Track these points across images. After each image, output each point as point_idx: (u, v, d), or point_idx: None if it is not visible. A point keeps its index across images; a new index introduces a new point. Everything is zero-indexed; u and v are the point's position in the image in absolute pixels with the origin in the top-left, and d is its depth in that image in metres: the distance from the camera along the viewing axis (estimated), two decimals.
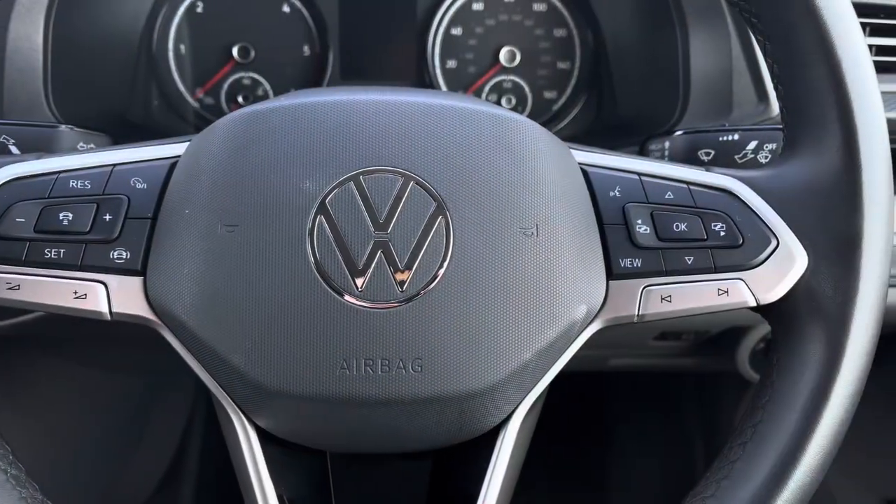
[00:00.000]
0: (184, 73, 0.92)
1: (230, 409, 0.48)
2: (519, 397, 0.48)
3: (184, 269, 0.45)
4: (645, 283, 0.48)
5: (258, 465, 0.48)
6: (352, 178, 0.45)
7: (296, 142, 0.46)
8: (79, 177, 0.47)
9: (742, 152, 0.63)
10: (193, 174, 0.47)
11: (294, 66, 0.93)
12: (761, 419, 0.48)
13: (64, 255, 0.46)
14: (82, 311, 0.46)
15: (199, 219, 0.45)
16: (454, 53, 0.94)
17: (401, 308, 0.44)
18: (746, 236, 0.48)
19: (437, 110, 0.48)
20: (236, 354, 0.44)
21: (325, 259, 0.44)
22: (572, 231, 0.47)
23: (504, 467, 0.49)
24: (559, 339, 0.47)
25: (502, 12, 0.94)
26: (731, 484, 0.47)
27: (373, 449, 0.51)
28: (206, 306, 0.45)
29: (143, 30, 0.89)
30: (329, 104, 0.48)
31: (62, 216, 0.46)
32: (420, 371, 0.45)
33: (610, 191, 0.49)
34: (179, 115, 0.93)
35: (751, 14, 0.49)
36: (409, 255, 0.45)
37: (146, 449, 1.31)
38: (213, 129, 0.49)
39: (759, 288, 0.48)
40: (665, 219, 0.48)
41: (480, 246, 0.45)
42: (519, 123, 0.49)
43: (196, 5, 0.91)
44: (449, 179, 0.46)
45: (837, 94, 0.46)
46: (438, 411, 0.46)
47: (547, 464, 1.28)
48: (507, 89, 0.95)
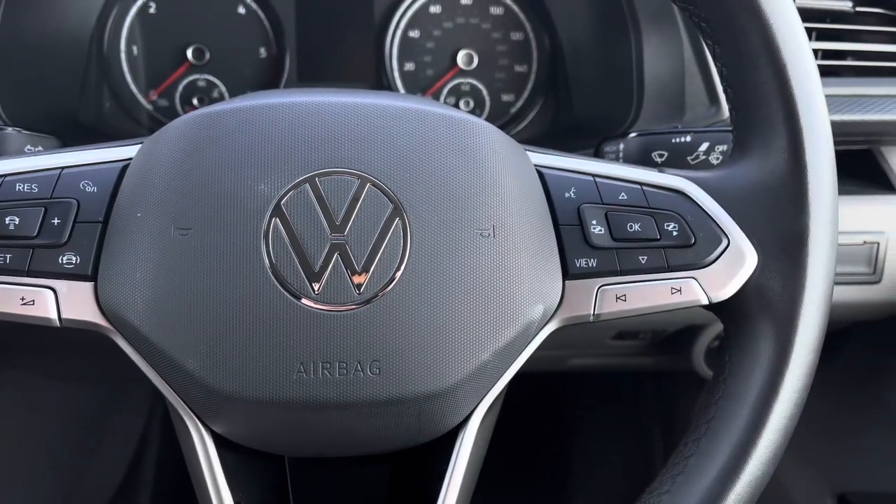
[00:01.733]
0: (137, 74, 0.91)
1: (185, 415, 0.47)
2: (477, 398, 0.48)
3: (136, 273, 0.44)
4: (600, 283, 0.49)
5: (215, 471, 0.47)
6: (307, 179, 0.45)
7: (250, 144, 0.46)
8: (25, 180, 0.46)
9: (694, 154, 0.64)
10: (145, 177, 0.46)
11: (250, 68, 0.92)
12: (714, 415, 0.49)
13: (10, 261, 0.45)
14: (30, 317, 0.45)
15: (151, 222, 0.45)
16: (412, 56, 0.94)
17: (358, 310, 0.44)
18: (698, 236, 0.49)
19: (395, 112, 0.48)
20: (191, 359, 0.44)
21: (281, 262, 0.44)
22: (528, 232, 0.47)
23: (463, 468, 0.49)
24: (516, 339, 0.47)
25: (460, 15, 0.94)
26: (685, 479, 0.48)
27: (332, 452, 0.51)
28: (159, 311, 0.44)
29: (93, 30, 0.87)
30: (285, 106, 0.47)
31: (8, 220, 0.45)
32: (378, 373, 0.44)
33: (565, 192, 0.50)
34: (132, 117, 0.91)
35: (700, 18, 0.50)
36: (366, 257, 0.45)
37: (102, 458, 1.28)
38: (165, 131, 0.48)
39: (711, 286, 0.49)
40: (619, 219, 0.49)
41: (437, 247, 0.46)
42: (475, 126, 0.49)
43: (149, 6, 0.90)
44: (406, 181, 0.46)
45: (783, 98, 0.48)
46: (397, 413, 0.46)
47: (508, 464, 1.29)
48: (465, 92, 0.95)
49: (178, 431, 0.49)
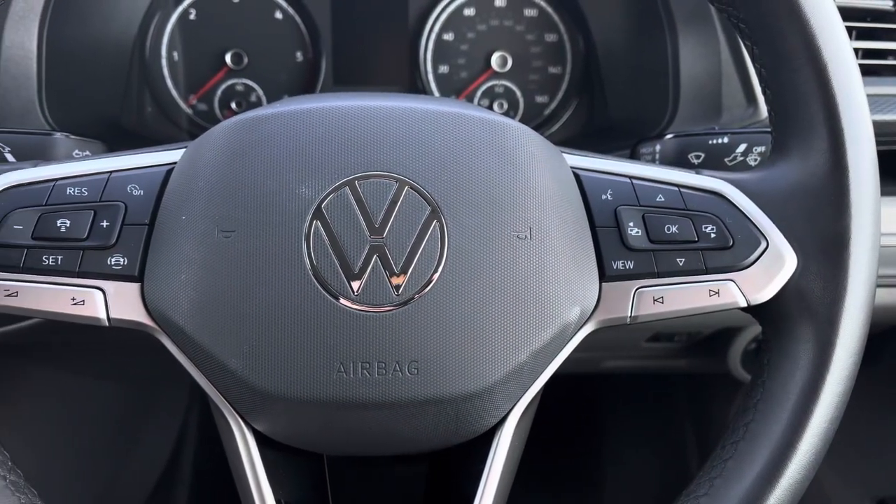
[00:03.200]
0: (177, 79, 0.93)
1: (228, 414, 0.48)
2: (514, 399, 0.49)
3: (181, 274, 0.45)
4: (637, 285, 0.49)
5: (256, 469, 0.48)
6: (347, 183, 0.46)
7: (291, 148, 0.46)
8: (76, 184, 0.47)
9: (731, 155, 0.63)
10: (190, 180, 0.47)
11: (287, 72, 0.94)
12: (753, 418, 0.49)
13: (62, 262, 0.46)
14: (80, 317, 0.46)
15: (195, 225, 0.46)
16: (446, 59, 0.95)
17: (396, 311, 0.45)
18: (736, 238, 0.49)
19: (431, 115, 0.48)
20: (234, 359, 0.45)
21: (322, 263, 0.45)
22: (565, 234, 0.48)
23: (500, 468, 0.50)
24: (553, 340, 0.47)
25: (494, 17, 0.95)
26: (723, 483, 0.48)
27: (370, 451, 0.52)
28: (203, 311, 0.45)
29: (136, 37, 0.89)
30: (324, 110, 0.48)
31: (60, 223, 0.46)
32: (416, 374, 0.45)
33: (602, 194, 0.50)
34: (173, 121, 0.93)
35: (738, 19, 0.50)
36: (404, 259, 0.45)
37: (141, 455, 1.31)
38: (209, 135, 0.49)
39: (750, 288, 0.49)
40: (656, 221, 0.49)
41: (474, 249, 0.46)
42: (511, 128, 0.49)
43: (189, 12, 0.92)
44: (443, 184, 0.46)
45: (824, 98, 0.47)
46: (435, 413, 0.46)
47: (542, 466, 1.29)
48: (499, 94, 0.95)
49: (221, 429, 0.50)
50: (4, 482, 0.46)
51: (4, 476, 0.46)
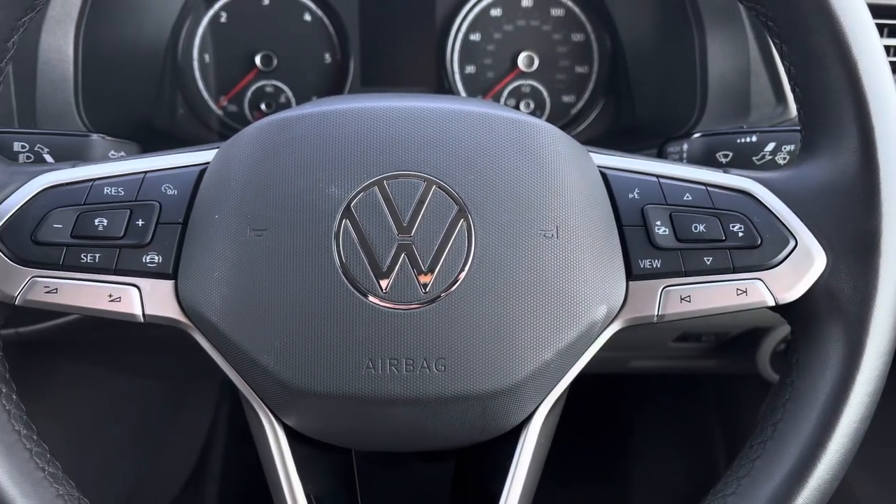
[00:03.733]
0: (208, 81, 0.94)
1: (259, 409, 0.49)
2: (540, 397, 0.49)
3: (214, 272, 0.46)
4: (664, 284, 0.49)
5: (287, 463, 0.49)
6: (376, 182, 0.47)
7: (321, 148, 0.47)
8: (113, 184, 0.49)
9: (760, 154, 0.63)
10: (222, 180, 0.48)
11: (316, 73, 0.95)
12: (781, 418, 0.49)
13: (99, 260, 0.47)
14: (117, 313, 0.48)
15: (228, 223, 0.47)
16: (473, 59, 0.95)
17: (424, 309, 0.46)
18: (765, 237, 0.49)
19: (458, 115, 0.49)
20: (265, 355, 0.46)
21: (351, 261, 0.46)
22: (592, 232, 0.48)
23: (526, 466, 0.50)
24: (580, 339, 0.48)
25: (520, 17, 0.95)
26: (751, 482, 0.48)
27: (398, 447, 0.52)
28: (235, 308, 0.46)
29: (168, 40, 0.91)
30: (352, 111, 0.49)
31: (97, 222, 0.47)
32: (444, 371, 0.46)
33: (629, 193, 0.50)
34: (204, 122, 0.95)
35: (767, 17, 0.50)
36: (431, 257, 0.46)
37: (171, 451, 1.33)
38: (240, 136, 0.50)
39: (778, 287, 0.49)
40: (684, 220, 0.49)
41: (501, 248, 0.46)
42: (538, 127, 0.50)
43: (220, 15, 0.93)
44: (470, 183, 0.47)
45: (854, 96, 0.47)
46: (462, 410, 0.47)
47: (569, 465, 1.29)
48: (526, 94, 0.96)
49: (252, 424, 0.51)
50: (43, 473, 0.47)
51: (43, 468, 0.48)
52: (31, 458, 0.47)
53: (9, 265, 0.46)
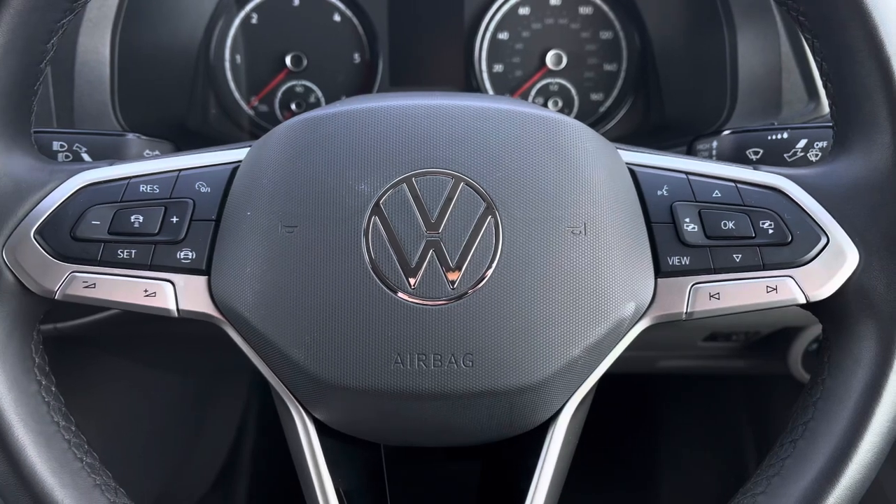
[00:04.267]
0: (239, 82, 0.96)
1: (289, 403, 0.50)
2: (568, 393, 0.49)
3: (246, 268, 0.47)
4: (693, 281, 0.49)
5: (316, 456, 0.50)
6: (404, 179, 0.47)
7: (351, 146, 0.48)
8: (148, 181, 0.50)
9: (791, 151, 0.62)
10: (254, 178, 0.49)
11: (345, 73, 0.96)
12: (812, 417, 0.48)
13: (135, 256, 0.48)
14: (152, 308, 0.49)
15: (260, 220, 0.48)
16: (501, 58, 0.96)
17: (452, 305, 0.46)
18: (795, 234, 0.48)
19: (486, 113, 0.49)
20: (296, 349, 0.46)
21: (380, 258, 0.46)
22: (620, 229, 0.48)
23: (553, 462, 0.50)
24: (608, 335, 0.48)
25: (548, 16, 0.95)
26: (782, 481, 0.48)
27: (425, 442, 0.53)
28: (267, 303, 0.47)
29: (201, 41, 0.93)
30: (381, 109, 0.49)
31: (133, 219, 0.49)
32: (471, 366, 0.46)
33: (657, 190, 0.50)
34: (235, 122, 0.96)
35: (798, 12, 0.49)
36: (459, 253, 0.46)
37: (202, 446, 1.35)
38: (272, 135, 0.51)
39: (809, 285, 0.48)
40: (713, 217, 0.49)
41: (529, 245, 0.47)
42: (566, 124, 0.50)
43: (251, 17, 0.95)
44: (498, 180, 0.47)
45: (887, 91, 0.46)
46: (489, 405, 0.47)
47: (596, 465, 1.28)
48: (554, 92, 0.96)
49: (283, 418, 0.52)
50: (81, 464, 0.49)
51: (81, 458, 0.49)
52: (69, 449, 0.49)
53: (49, 261, 0.48)
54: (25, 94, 0.48)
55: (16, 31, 0.45)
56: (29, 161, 0.49)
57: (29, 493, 0.46)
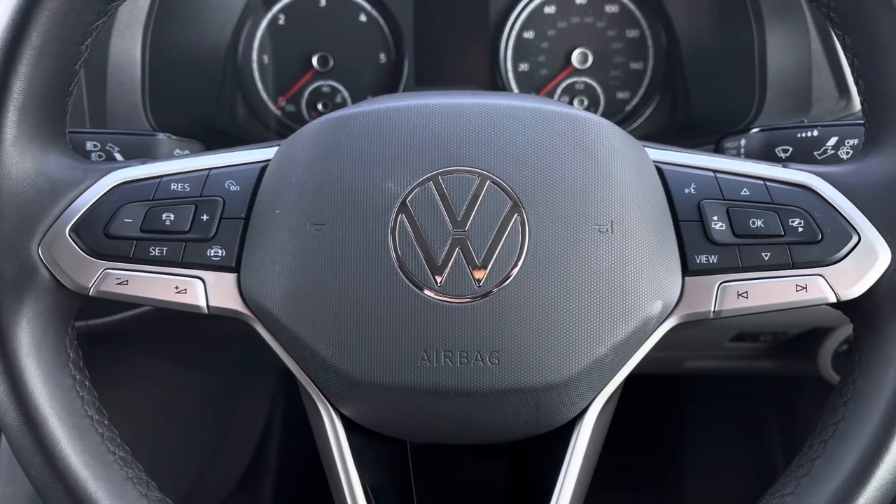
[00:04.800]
0: (267, 82, 0.97)
1: (317, 399, 0.50)
2: (594, 391, 0.49)
3: (275, 265, 0.48)
4: (721, 279, 0.48)
5: (344, 452, 0.50)
6: (431, 178, 0.47)
7: (378, 145, 0.48)
8: (179, 180, 0.51)
9: (822, 148, 0.62)
10: (283, 177, 0.50)
11: (371, 73, 0.96)
12: (843, 417, 0.48)
13: (166, 253, 0.49)
14: (182, 304, 0.50)
15: (288, 218, 0.48)
16: (526, 57, 0.95)
17: (478, 303, 0.46)
18: (826, 232, 0.48)
19: (512, 111, 0.49)
20: (324, 346, 0.47)
21: (407, 255, 0.47)
22: (647, 227, 0.48)
23: (580, 461, 0.50)
24: (634, 334, 0.47)
25: (574, 15, 0.95)
26: (811, 482, 0.47)
27: (452, 439, 0.53)
28: (295, 300, 0.47)
29: (229, 42, 0.94)
30: (407, 108, 0.50)
31: (165, 217, 0.49)
32: (497, 364, 0.46)
33: (685, 188, 0.50)
34: (262, 122, 0.97)
35: (829, 8, 0.49)
36: (485, 251, 0.47)
37: (230, 442, 1.37)
38: (300, 134, 0.51)
39: (840, 284, 0.48)
40: (741, 215, 0.49)
41: (556, 243, 0.47)
42: (593, 122, 0.50)
43: (278, 18, 0.96)
44: (524, 178, 0.47)
45: None
46: (515, 403, 0.47)
47: (622, 465, 1.28)
48: (580, 91, 0.95)
49: (310, 414, 0.52)
50: (114, 457, 0.50)
51: (114, 452, 0.50)
52: (102, 443, 0.49)
53: (83, 258, 0.49)
54: (61, 95, 0.49)
55: (51, 33, 0.46)
56: (64, 160, 0.50)
57: (62, 486, 0.47)
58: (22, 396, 0.47)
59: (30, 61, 0.46)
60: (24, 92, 0.46)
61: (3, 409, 0.47)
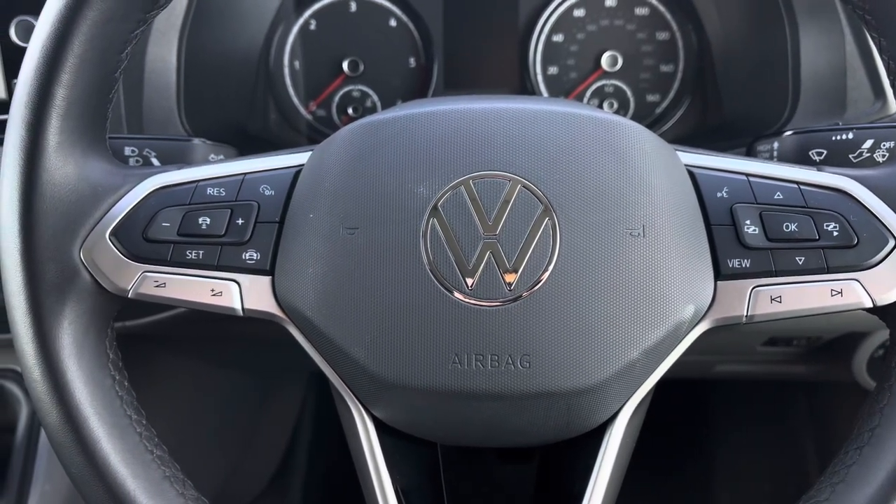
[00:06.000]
0: (298, 87, 0.98)
1: (349, 401, 0.51)
2: (625, 396, 0.49)
3: (308, 268, 0.49)
4: (754, 284, 0.48)
5: (376, 454, 0.51)
6: (462, 182, 0.48)
7: (410, 149, 0.49)
8: (215, 185, 0.51)
9: (857, 151, 0.61)
10: (317, 181, 0.50)
11: (400, 77, 0.97)
12: (879, 423, 0.47)
13: (203, 256, 0.50)
14: (218, 307, 0.50)
15: (322, 222, 0.49)
16: (555, 60, 0.95)
17: (509, 306, 0.46)
18: (861, 236, 0.47)
19: (543, 115, 0.50)
20: (357, 348, 0.47)
21: (438, 259, 0.47)
22: (679, 231, 0.47)
23: (610, 465, 0.50)
24: (666, 338, 0.47)
25: (604, 17, 0.94)
26: (846, 488, 0.46)
27: (482, 442, 0.53)
28: (329, 303, 0.48)
29: (261, 48, 0.95)
30: (439, 113, 0.50)
31: (201, 221, 0.50)
32: (528, 367, 0.46)
33: (717, 192, 0.49)
34: (294, 127, 0.98)
35: (864, 10, 0.48)
36: (516, 255, 0.47)
37: (260, 443, 1.38)
38: (333, 139, 0.52)
39: (876, 288, 0.47)
40: (775, 219, 0.48)
41: (587, 246, 0.47)
42: (624, 126, 0.50)
43: (309, 23, 0.97)
44: (555, 182, 0.47)
45: None
46: (546, 407, 0.47)
47: (654, 470, 1.27)
48: (609, 93, 0.95)
49: (342, 416, 0.53)
50: (152, 456, 0.51)
51: (152, 451, 0.51)
52: (140, 441, 0.51)
53: (123, 261, 0.50)
54: (102, 103, 0.50)
55: (93, 41, 0.48)
56: (104, 166, 0.51)
57: (102, 483, 0.48)
58: (63, 396, 0.48)
59: (72, 69, 0.47)
60: (67, 99, 0.47)
61: (45, 408, 0.48)
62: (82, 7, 0.47)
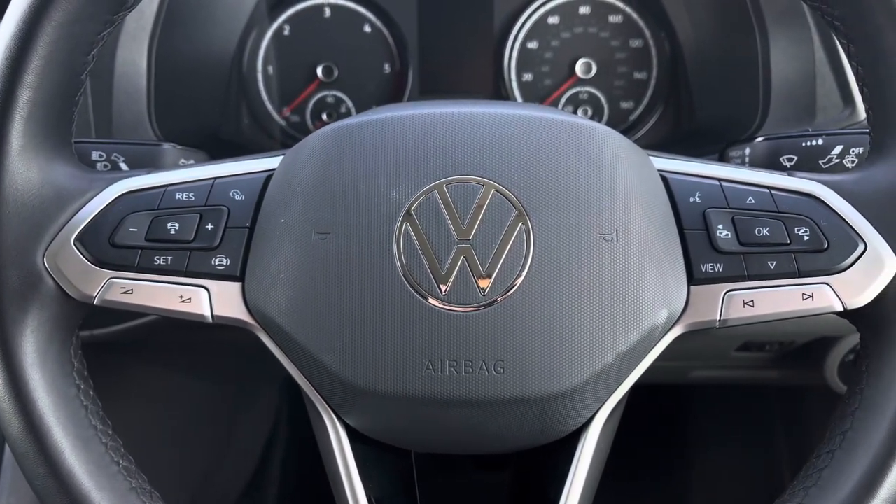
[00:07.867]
0: (272, 92, 0.97)
1: (321, 408, 0.50)
2: (600, 401, 0.49)
3: (279, 274, 0.48)
4: (727, 288, 0.48)
5: (348, 462, 0.50)
6: (436, 186, 0.47)
7: (382, 154, 0.48)
8: (184, 189, 0.51)
9: (827, 157, 0.62)
10: (288, 186, 0.50)
11: (375, 83, 0.97)
12: (850, 427, 0.48)
13: (171, 262, 0.49)
14: (187, 314, 0.50)
15: (293, 227, 0.48)
16: (530, 67, 0.96)
17: (483, 311, 0.46)
18: (832, 240, 0.48)
19: (517, 120, 0.49)
20: (328, 354, 0.47)
21: (411, 264, 0.46)
22: (652, 236, 0.48)
23: (585, 471, 0.50)
24: (640, 343, 0.47)
25: (578, 25, 0.95)
26: (818, 492, 0.47)
27: (457, 449, 0.53)
28: (300, 309, 0.47)
29: (234, 53, 0.94)
30: (412, 118, 0.50)
31: (169, 226, 0.49)
32: (502, 373, 0.46)
33: (690, 196, 0.50)
34: (267, 132, 0.97)
35: (833, 16, 0.49)
36: (490, 260, 0.47)
37: (234, 452, 1.36)
38: (305, 143, 0.52)
39: (846, 292, 0.47)
40: (747, 224, 0.48)
41: (560, 251, 0.47)
42: (597, 131, 0.50)
43: (283, 28, 0.96)
44: (529, 186, 0.47)
45: None
46: (520, 412, 0.47)
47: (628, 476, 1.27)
48: (584, 100, 0.95)
49: (314, 424, 0.52)
50: (118, 467, 0.50)
51: (118, 462, 0.50)
52: (106, 452, 0.49)
53: (88, 267, 0.49)
54: (67, 105, 0.49)
55: (58, 43, 0.47)
56: (70, 170, 0.50)
57: (67, 495, 0.47)
58: (26, 406, 0.47)
59: (36, 71, 0.46)
60: (31, 102, 0.46)
61: (7, 418, 0.47)
62: (47, 7, 0.46)
